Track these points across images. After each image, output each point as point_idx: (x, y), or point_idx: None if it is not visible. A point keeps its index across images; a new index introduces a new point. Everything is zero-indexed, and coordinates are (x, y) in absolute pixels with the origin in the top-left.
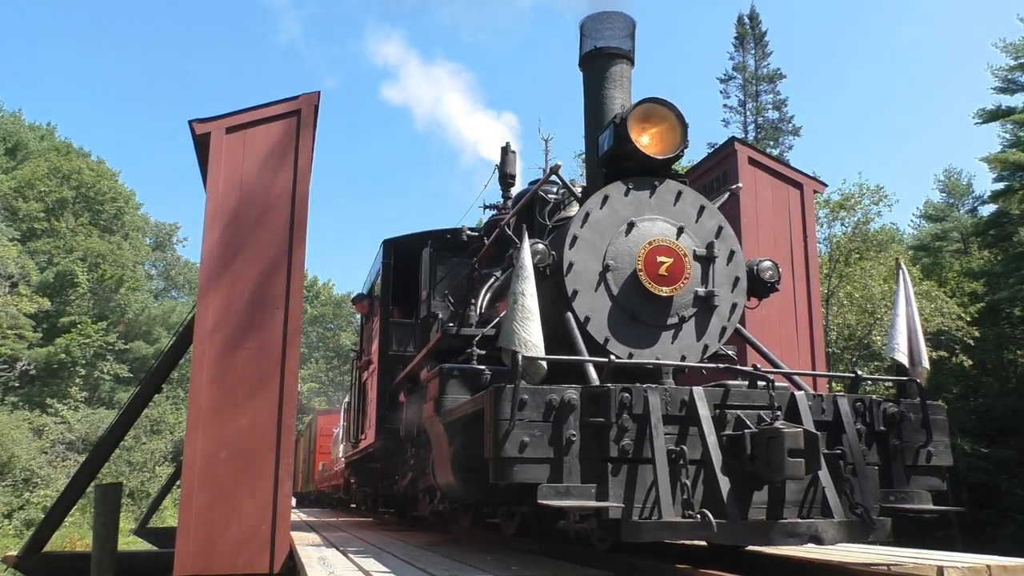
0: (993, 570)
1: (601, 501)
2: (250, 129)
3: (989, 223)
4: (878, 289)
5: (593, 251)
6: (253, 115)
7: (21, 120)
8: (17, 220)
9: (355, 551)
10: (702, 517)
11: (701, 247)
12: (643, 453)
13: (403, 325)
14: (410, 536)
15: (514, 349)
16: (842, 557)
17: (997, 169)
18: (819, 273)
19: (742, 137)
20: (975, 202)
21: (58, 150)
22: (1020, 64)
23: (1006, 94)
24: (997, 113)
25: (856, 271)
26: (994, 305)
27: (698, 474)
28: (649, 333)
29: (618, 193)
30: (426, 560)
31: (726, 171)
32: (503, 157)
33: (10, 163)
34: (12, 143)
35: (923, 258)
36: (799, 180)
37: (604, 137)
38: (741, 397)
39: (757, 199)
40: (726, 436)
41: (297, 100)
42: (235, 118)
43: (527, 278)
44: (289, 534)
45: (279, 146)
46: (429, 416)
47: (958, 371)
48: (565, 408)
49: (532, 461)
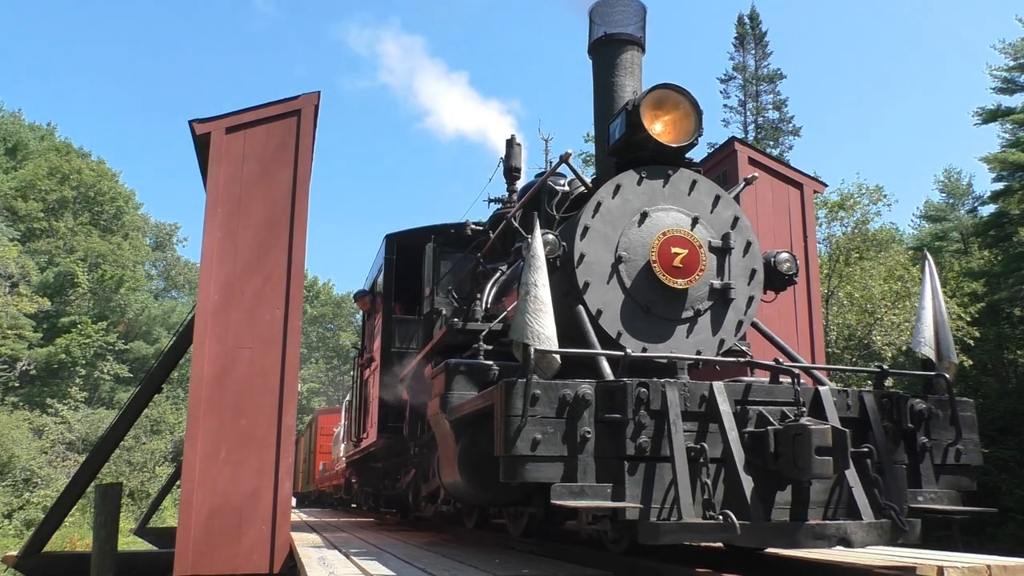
0: (993, 570)
1: (618, 501)
2: (250, 129)
3: (989, 223)
4: (878, 289)
5: (605, 242)
6: (253, 115)
7: (21, 120)
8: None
9: (355, 551)
10: (724, 518)
11: (716, 238)
12: (661, 451)
13: (406, 321)
14: (411, 536)
15: (526, 342)
16: (842, 558)
17: (997, 169)
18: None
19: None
20: (975, 202)
21: (58, 150)
22: (1019, 64)
23: (1005, 94)
24: (996, 113)
25: (856, 271)
26: (994, 305)
27: (719, 473)
28: (663, 327)
29: (631, 182)
30: (426, 560)
31: (726, 171)
32: (508, 150)
33: (10, 163)
34: (12, 143)
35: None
36: (799, 180)
37: (615, 125)
38: (763, 392)
39: (757, 199)
40: (748, 433)
41: (297, 100)
42: (235, 118)
43: (539, 268)
44: (289, 534)
45: (279, 146)
46: (434, 413)
47: (958, 371)
48: (579, 403)
49: (545, 459)
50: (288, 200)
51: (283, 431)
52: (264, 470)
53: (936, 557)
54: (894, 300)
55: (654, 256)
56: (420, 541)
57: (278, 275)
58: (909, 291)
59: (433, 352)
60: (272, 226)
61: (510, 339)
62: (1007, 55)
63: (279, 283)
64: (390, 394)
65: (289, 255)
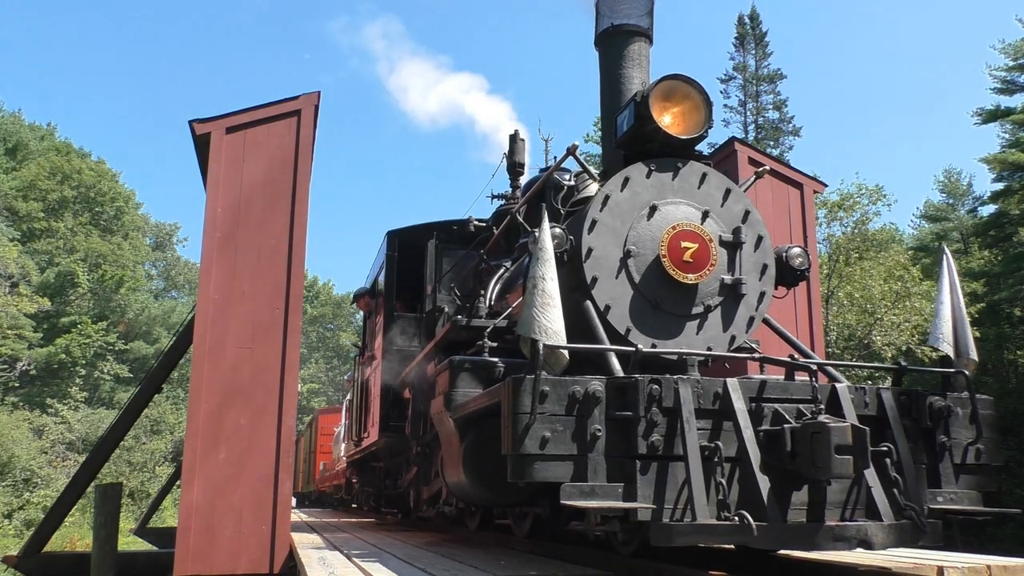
0: (993, 570)
1: (629, 502)
2: (250, 129)
3: (989, 223)
4: (878, 289)
5: (613, 236)
6: (253, 115)
7: (21, 120)
8: (17, 220)
9: (356, 551)
10: (740, 519)
11: (727, 232)
12: (674, 449)
13: (407, 319)
14: (411, 536)
15: (534, 337)
16: (841, 558)
17: (996, 169)
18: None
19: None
20: (975, 202)
21: (58, 150)
22: (1019, 64)
23: (1005, 94)
24: (996, 113)
25: (856, 271)
26: (994, 305)
27: (733, 472)
28: (673, 323)
29: (639, 175)
30: (426, 560)
31: (727, 171)
32: (512, 145)
33: (10, 163)
34: (12, 143)
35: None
36: (799, 180)
37: (623, 117)
38: (779, 389)
39: (757, 199)
40: (763, 431)
41: (297, 100)
42: (235, 118)
43: (547, 261)
44: (289, 534)
45: (279, 146)
46: (438, 411)
47: None
48: (590, 401)
49: (554, 458)
50: (288, 200)
51: (283, 431)
52: (264, 470)
53: (936, 557)
54: (894, 300)
55: (664, 250)
56: (420, 541)
57: (278, 275)
58: (909, 291)
59: (436, 350)
60: (272, 226)
61: (516, 335)
62: (1007, 55)
63: (279, 283)
64: (392, 393)
65: (289, 255)
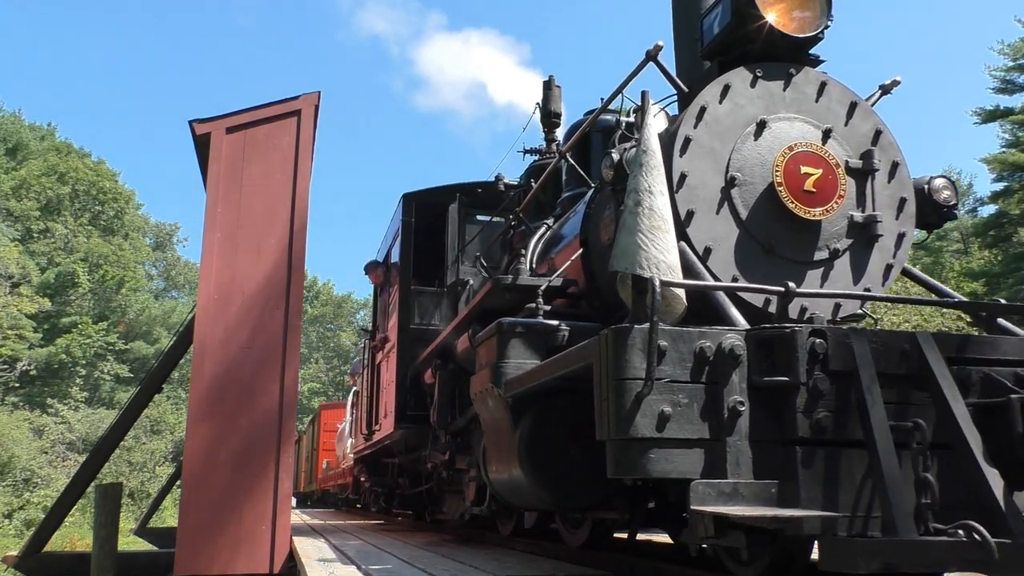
0: None
1: (789, 507)
2: (250, 129)
3: (989, 223)
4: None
5: (712, 159)
6: (253, 115)
7: (21, 120)
8: (17, 220)
9: (356, 551)
10: (967, 534)
11: (855, 157)
12: (849, 432)
13: (427, 294)
14: (411, 537)
15: (640, 272)
16: None
17: (996, 170)
18: None
19: None
20: (975, 202)
21: (58, 150)
22: (1018, 65)
23: (1004, 94)
24: (996, 113)
25: None
26: None
27: (942, 465)
28: (790, 271)
29: (742, 83)
30: (426, 560)
31: None
32: (546, 92)
33: (10, 163)
34: (12, 143)
35: (923, 258)
36: None
37: (712, 18)
38: (986, 348)
39: None
40: (973, 405)
41: (297, 100)
42: (235, 118)
43: (656, 167)
44: (289, 534)
45: (279, 146)
46: (481, 390)
47: None
48: (726, 361)
49: (678, 443)
50: (288, 200)
51: (283, 431)
52: (264, 470)
53: None
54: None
55: (779, 177)
56: (420, 541)
57: (278, 275)
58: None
59: (469, 320)
60: (272, 226)
61: (612, 270)
62: (1006, 55)
63: (279, 283)
64: (410, 378)
65: (289, 255)
